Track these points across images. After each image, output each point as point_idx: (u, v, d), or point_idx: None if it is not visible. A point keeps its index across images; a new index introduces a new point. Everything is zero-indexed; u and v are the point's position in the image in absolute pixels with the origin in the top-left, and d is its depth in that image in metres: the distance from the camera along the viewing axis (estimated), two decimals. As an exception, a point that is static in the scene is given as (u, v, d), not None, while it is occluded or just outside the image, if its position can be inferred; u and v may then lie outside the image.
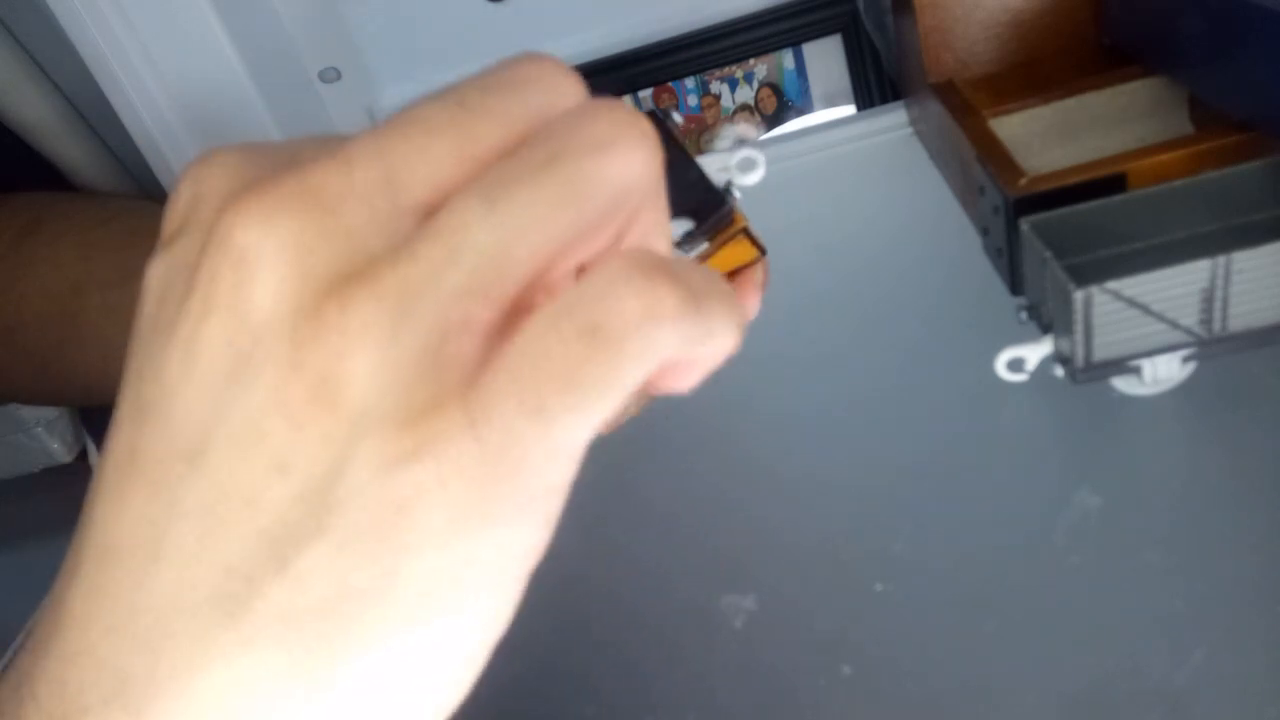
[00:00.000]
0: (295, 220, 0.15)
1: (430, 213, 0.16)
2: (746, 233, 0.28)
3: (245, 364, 0.15)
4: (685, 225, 0.27)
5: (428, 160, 0.16)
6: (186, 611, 0.15)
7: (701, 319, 0.16)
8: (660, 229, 0.19)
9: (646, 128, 0.17)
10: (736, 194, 0.27)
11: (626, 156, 0.16)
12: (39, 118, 0.59)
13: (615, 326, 0.15)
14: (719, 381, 0.20)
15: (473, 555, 0.15)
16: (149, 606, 0.15)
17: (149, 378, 0.16)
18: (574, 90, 0.17)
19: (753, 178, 0.27)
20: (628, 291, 0.16)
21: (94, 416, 0.78)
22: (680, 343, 0.16)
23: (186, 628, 0.15)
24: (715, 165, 0.27)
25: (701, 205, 0.26)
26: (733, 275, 0.29)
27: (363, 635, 0.15)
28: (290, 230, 0.15)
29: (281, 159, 0.17)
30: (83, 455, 0.78)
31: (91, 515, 0.16)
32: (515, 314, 0.16)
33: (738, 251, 0.29)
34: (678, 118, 0.69)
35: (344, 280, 0.15)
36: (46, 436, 0.75)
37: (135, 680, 0.15)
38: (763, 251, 0.29)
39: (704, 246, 0.27)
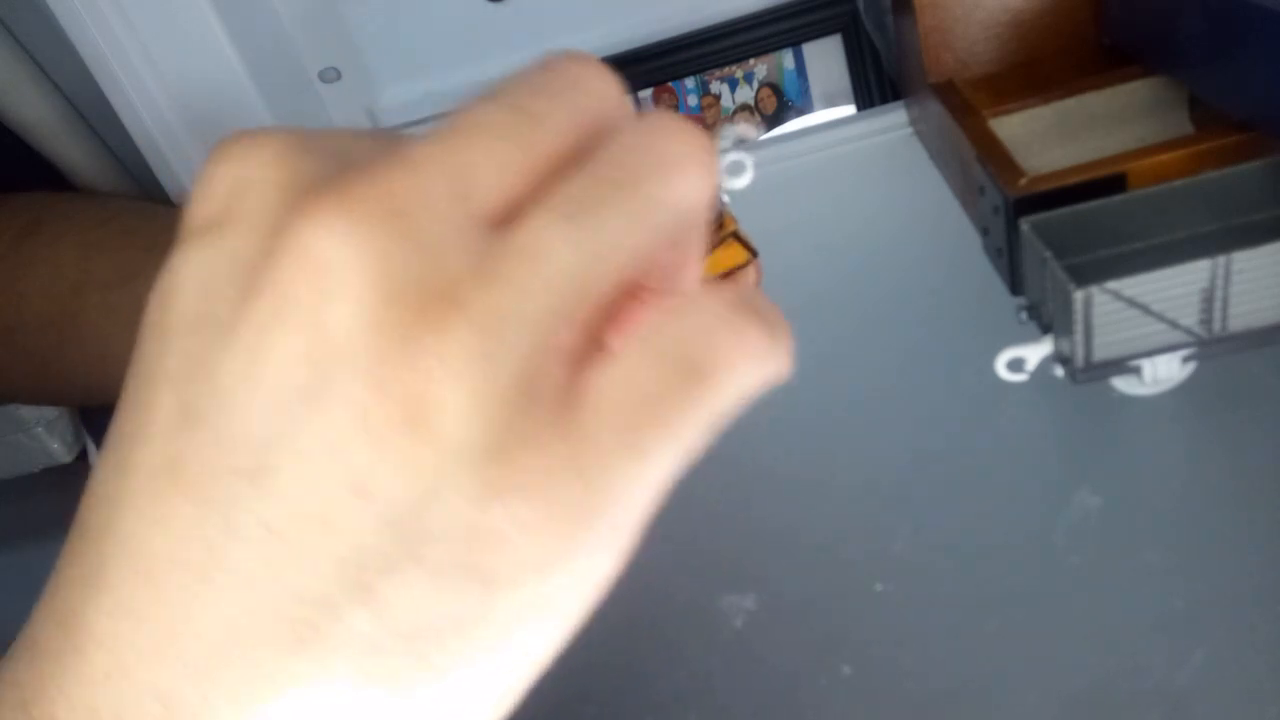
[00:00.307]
0: (378, 232, 0.14)
1: (497, 222, 0.15)
2: (737, 236, 0.28)
3: (323, 381, 0.14)
4: None
5: (495, 169, 0.16)
6: (248, 638, 0.14)
7: (780, 354, 0.17)
8: (701, 245, 0.19)
9: (709, 144, 0.17)
10: (725, 198, 0.27)
11: (696, 174, 0.17)
12: (39, 118, 0.59)
13: (714, 368, 0.16)
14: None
15: (561, 586, 0.16)
16: (199, 631, 0.15)
17: (198, 382, 0.15)
18: (617, 93, 0.18)
19: (741, 182, 0.27)
20: (726, 332, 0.16)
21: (94, 416, 0.78)
22: (764, 380, 0.17)
23: (248, 655, 0.14)
24: None
25: None
26: (725, 278, 0.29)
27: (443, 662, 0.15)
28: (374, 243, 0.14)
29: (331, 151, 0.16)
30: (83, 455, 0.78)
31: (115, 524, 0.15)
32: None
33: (729, 254, 0.29)
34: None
35: (430, 299, 0.14)
36: (46, 436, 0.75)
37: (186, 709, 0.15)
38: (754, 254, 0.29)
39: None
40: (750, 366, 0.16)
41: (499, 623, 0.15)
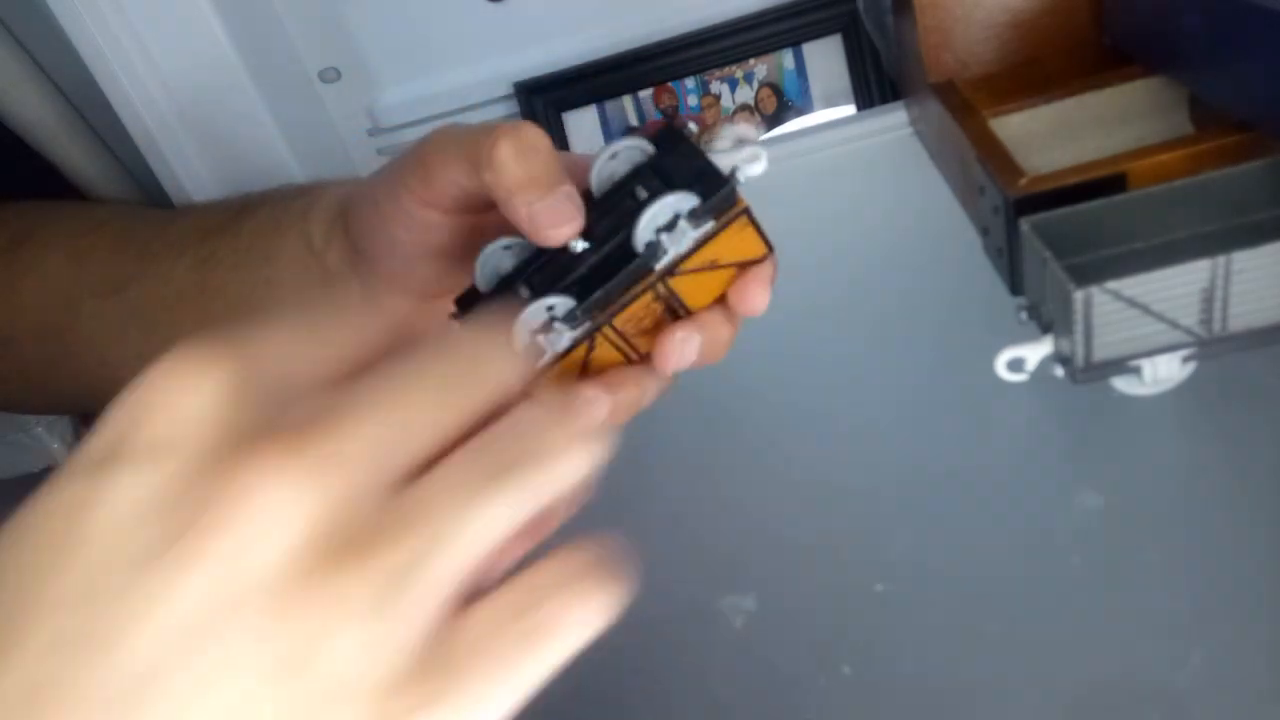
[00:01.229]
0: (311, 490, 0.16)
1: (407, 479, 0.18)
2: (749, 215, 0.29)
3: (225, 616, 0.16)
4: (691, 201, 0.27)
5: (410, 440, 0.18)
6: None
7: (608, 607, 0.20)
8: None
9: (590, 434, 0.20)
10: (741, 178, 0.28)
11: (573, 463, 0.20)
12: (39, 118, 0.59)
13: (557, 627, 0.19)
14: (719, 382, 0.20)
15: None
16: None
17: (93, 609, 0.16)
18: (516, 370, 0.21)
19: (756, 168, 0.28)
20: (568, 597, 0.19)
21: (94, 417, 0.78)
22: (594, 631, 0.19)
23: None
24: (721, 161, 0.28)
25: (707, 186, 0.27)
26: (742, 269, 0.29)
27: None
28: (306, 500, 0.16)
29: (268, 390, 0.18)
30: (83, 455, 0.78)
31: None
32: None
33: (745, 244, 0.29)
34: (693, 128, 0.70)
35: (340, 549, 0.16)
36: (46, 436, 0.75)
37: None
38: (770, 249, 0.30)
39: (709, 225, 0.28)
40: (585, 625, 0.19)
41: None
